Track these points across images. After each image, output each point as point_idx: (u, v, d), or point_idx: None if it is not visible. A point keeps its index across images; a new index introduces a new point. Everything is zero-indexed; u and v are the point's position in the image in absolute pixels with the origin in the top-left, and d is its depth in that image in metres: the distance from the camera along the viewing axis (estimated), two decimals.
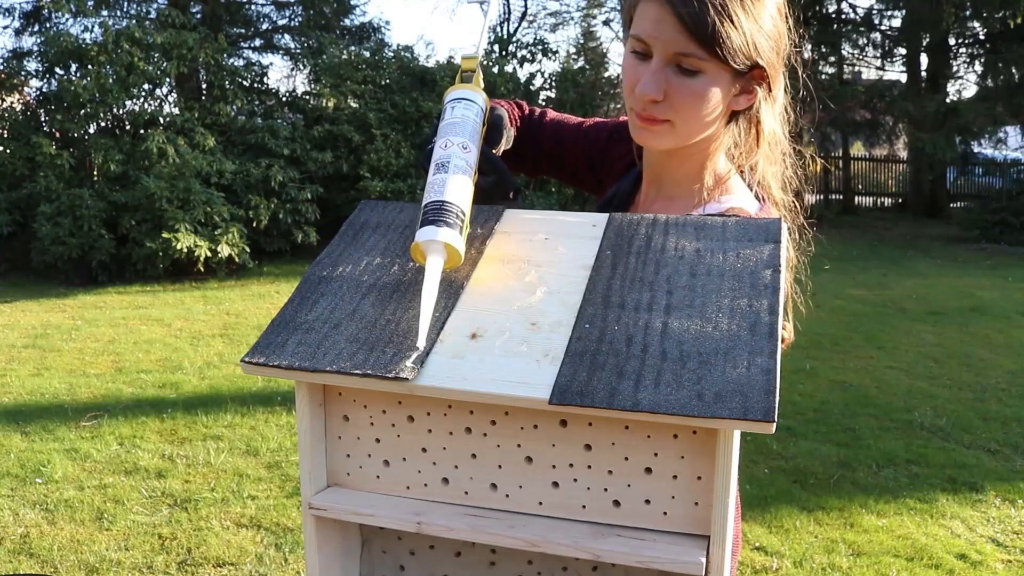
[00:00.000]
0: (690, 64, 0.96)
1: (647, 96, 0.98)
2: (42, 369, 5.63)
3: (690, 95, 0.97)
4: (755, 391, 0.67)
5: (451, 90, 0.97)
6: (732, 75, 0.99)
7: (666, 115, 0.99)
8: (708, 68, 0.96)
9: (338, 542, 0.88)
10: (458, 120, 0.94)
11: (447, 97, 0.97)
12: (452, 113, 0.94)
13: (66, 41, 9.65)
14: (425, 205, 0.86)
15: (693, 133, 1.02)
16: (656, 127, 1.01)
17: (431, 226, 0.83)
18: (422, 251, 0.82)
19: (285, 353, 0.78)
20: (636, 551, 0.73)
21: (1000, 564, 3.01)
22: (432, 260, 0.81)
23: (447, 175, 0.88)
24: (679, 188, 1.09)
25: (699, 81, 0.97)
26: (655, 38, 0.96)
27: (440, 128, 0.94)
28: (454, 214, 0.85)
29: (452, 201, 0.85)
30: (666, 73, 0.97)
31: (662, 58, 0.97)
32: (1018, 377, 5.35)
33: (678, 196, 1.09)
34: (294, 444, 4.12)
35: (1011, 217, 12.33)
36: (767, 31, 0.99)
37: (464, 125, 0.93)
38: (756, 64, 0.99)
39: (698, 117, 0.99)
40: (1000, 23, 13.46)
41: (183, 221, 8.90)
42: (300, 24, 14.48)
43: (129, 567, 2.98)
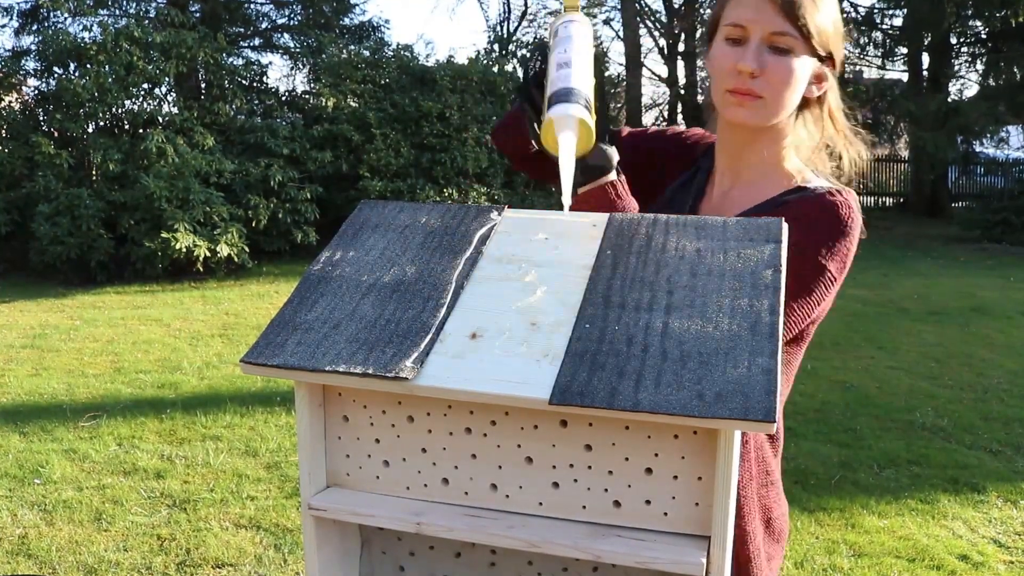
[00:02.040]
0: (784, 43, 1.09)
1: (748, 68, 1.09)
2: (40, 369, 5.63)
3: (784, 70, 1.10)
4: (756, 391, 0.67)
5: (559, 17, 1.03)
6: (813, 60, 1.12)
7: (762, 90, 1.11)
8: (797, 48, 1.10)
9: (338, 543, 0.88)
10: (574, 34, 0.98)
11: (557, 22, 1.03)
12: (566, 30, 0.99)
13: (65, 40, 9.64)
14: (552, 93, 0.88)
15: (779, 111, 1.13)
16: (750, 102, 1.12)
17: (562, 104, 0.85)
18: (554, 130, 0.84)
19: (284, 353, 0.78)
20: (636, 552, 0.72)
21: (1002, 565, 3.01)
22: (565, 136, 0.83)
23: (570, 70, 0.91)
24: (756, 173, 1.18)
25: (790, 59, 1.10)
26: (754, 21, 1.10)
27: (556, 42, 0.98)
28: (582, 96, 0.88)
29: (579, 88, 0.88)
30: (763, 52, 1.10)
31: (760, 38, 1.10)
32: (1019, 377, 5.34)
33: (755, 181, 1.18)
34: (293, 444, 4.12)
35: (1012, 217, 12.32)
36: (835, 21, 1.13)
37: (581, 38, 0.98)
38: (830, 53, 1.13)
39: (787, 94, 1.12)
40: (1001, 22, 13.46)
41: (182, 221, 8.89)
42: (299, 23, 14.48)
43: (128, 568, 2.98)
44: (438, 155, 10.87)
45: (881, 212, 16.61)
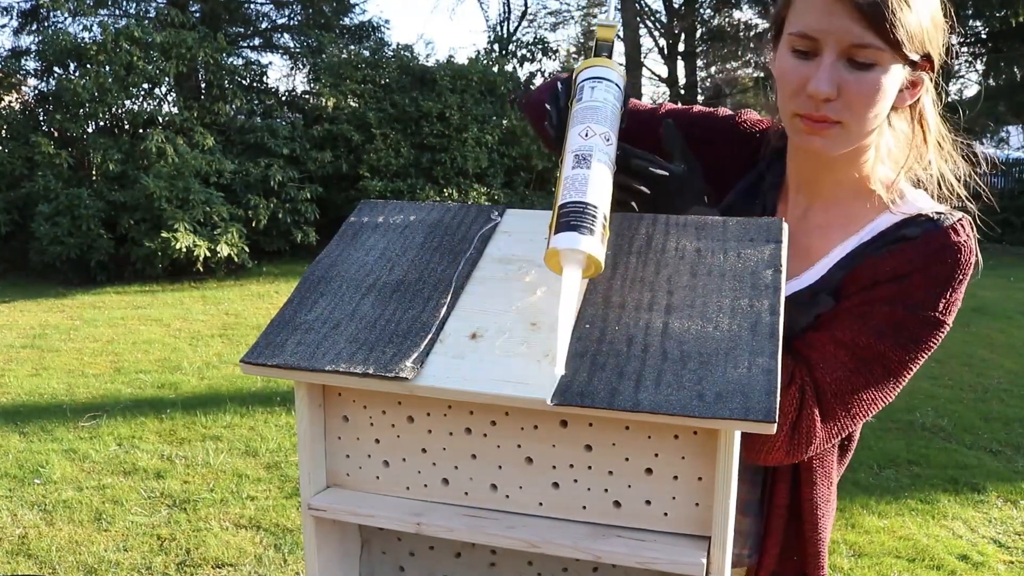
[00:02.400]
0: (866, 56, 0.89)
1: (821, 94, 0.90)
2: (40, 369, 5.62)
3: (867, 90, 0.90)
4: (756, 391, 0.67)
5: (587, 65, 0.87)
6: (904, 66, 0.92)
7: (839, 115, 0.92)
8: (883, 59, 0.89)
9: (338, 543, 0.88)
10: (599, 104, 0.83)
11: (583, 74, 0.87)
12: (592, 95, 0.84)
13: (65, 40, 9.64)
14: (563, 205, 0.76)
15: (863, 134, 0.95)
16: (828, 130, 0.93)
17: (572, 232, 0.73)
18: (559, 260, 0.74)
19: (284, 353, 0.77)
20: (636, 552, 0.72)
21: (1002, 565, 3.00)
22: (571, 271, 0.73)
23: (588, 171, 0.77)
24: (840, 194, 1.02)
25: (875, 74, 0.90)
26: (826, 31, 0.89)
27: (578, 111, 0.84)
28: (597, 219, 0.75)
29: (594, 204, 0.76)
30: (839, 70, 0.90)
31: (835, 52, 0.90)
32: (1020, 377, 5.34)
33: (840, 199, 1.02)
34: (293, 444, 4.12)
35: (1013, 217, 12.33)
36: (933, 15, 0.92)
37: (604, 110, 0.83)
38: (927, 54, 0.93)
39: (872, 115, 0.93)
40: (1001, 22, 13.45)
41: (182, 221, 8.89)
42: (299, 23, 14.48)
43: (128, 568, 2.98)
44: (438, 155, 10.87)
45: None
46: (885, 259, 0.95)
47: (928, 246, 0.94)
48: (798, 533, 1.07)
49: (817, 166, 1.02)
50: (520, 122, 11.41)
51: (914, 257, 0.94)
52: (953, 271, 0.93)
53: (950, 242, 0.93)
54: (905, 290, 0.93)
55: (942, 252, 0.93)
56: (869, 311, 0.95)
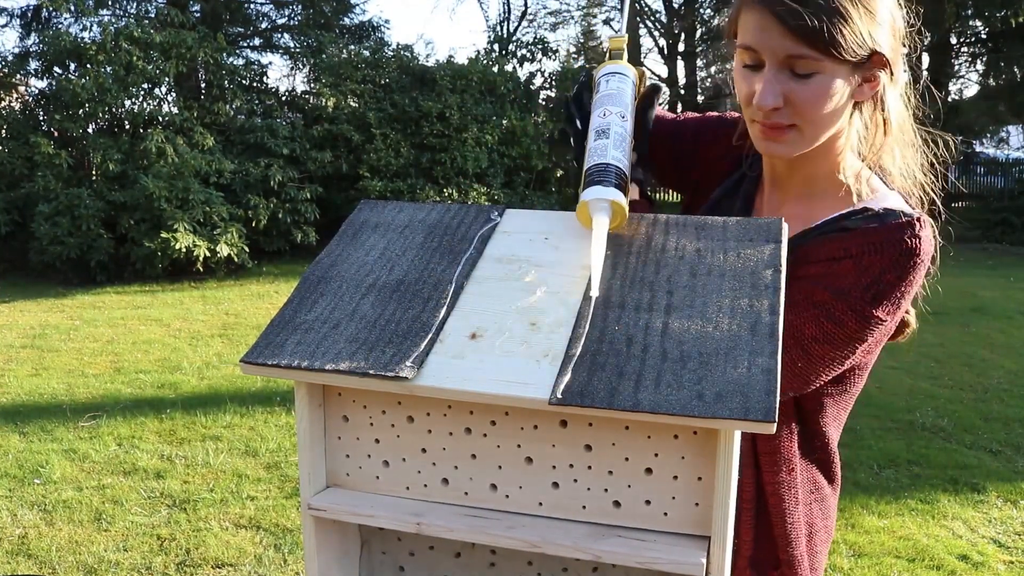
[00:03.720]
0: (804, 67, 0.93)
1: (766, 107, 0.95)
2: (40, 369, 5.63)
3: (812, 97, 0.94)
4: (756, 391, 0.67)
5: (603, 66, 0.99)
6: (851, 67, 0.94)
7: (791, 120, 0.96)
8: (824, 67, 0.93)
9: (337, 543, 0.88)
10: (614, 92, 0.95)
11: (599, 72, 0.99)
12: (607, 86, 0.95)
13: (65, 40, 9.65)
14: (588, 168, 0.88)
15: (821, 133, 0.98)
16: (783, 136, 0.97)
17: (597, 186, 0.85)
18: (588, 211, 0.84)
19: (284, 353, 0.78)
20: (636, 552, 0.72)
21: (1002, 565, 3.00)
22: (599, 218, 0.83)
23: (608, 140, 0.90)
24: (812, 187, 1.05)
25: (817, 81, 0.93)
26: (764, 46, 0.93)
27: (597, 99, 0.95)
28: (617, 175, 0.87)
29: (615, 163, 0.88)
30: (781, 81, 0.94)
31: (775, 64, 0.94)
32: (1020, 377, 5.34)
33: (811, 195, 1.05)
34: (293, 444, 4.12)
35: (1013, 217, 12.33)
36: (880, 17, 0.94)
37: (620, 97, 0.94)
38: (874, 52, 0.94)
39: (823, 117, 0.96)
40: (1002, 22, 13.46)
41: (182, 221, 8.89)
42: (299, 23, 14.48)
43: (128, 568, 2.98)
44: (438, 155, 10.88)
45: None
46: (825, 243, 0.97)
47: (867, 237, 0.95)
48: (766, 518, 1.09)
49: (787, 163, 1.05)
50: (520, 122, 11.42)
51: (851, 245, 0.95)
52: (891, 267, 0.94)
53: (893, 238, 0.94)
54: (832, 273, 0.95)
55: (881, 246, 0.94)
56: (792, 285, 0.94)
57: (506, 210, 0.93)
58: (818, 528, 1.15)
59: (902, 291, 0.96)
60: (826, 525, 1.17)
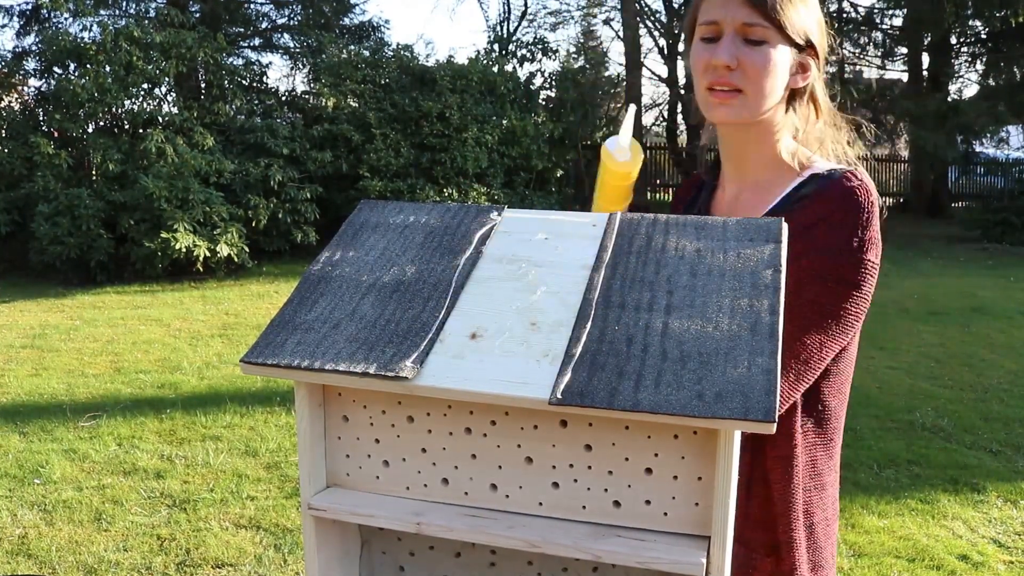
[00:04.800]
0: (756, 34, 1.09)
1: (723, 62, 1.09)
2: (40, 369, 5.62)
3: (759, 60, 1.10)
4: (756, 391, 0.67)
5: None
6: (791, 49, 1.12)
7: (739, 83, 1.11)
8: (771, 38, 1.10)
9: (338, 543, 0.88)
10: None
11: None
12: None
13: (65, 40, 9.64)
14: None
15: (762, 102, 1.12)
16: (731, 99, 1.12)
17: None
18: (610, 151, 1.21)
19: (284, 353, 0.77)
20: (636, 552, 0.72)
21: (1002, 565, 3.00)
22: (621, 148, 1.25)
23: None
24: (759, 171, 1.19)
25: (765, 49, 1.10)
26: (724, 16, 1.10)
27: None
28: None
29: None
30: (737, 45, 1.10)
31: (732, 31, 1.10)
32: (1020, 377, 5.34)
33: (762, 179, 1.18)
34: (293, 444, 4.12)
35: (1013, 217, 12.32)
36: (815, 15, 1.14)
37: None
38: (810, 41, 1.13)
39: (766, 84, 1.11)
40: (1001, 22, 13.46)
41: (182, 221, 8.89)
42: (299, 23, 14.49)
43: (128, 568, 2.98)
44: (438, 155, 10.87)
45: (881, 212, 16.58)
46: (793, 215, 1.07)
47: (824, 196, 1.09)
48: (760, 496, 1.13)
49: (736, 148, 1.20)
50: (520, 122, 11.41)
51: (816, 209, 1.09)
52: (855, 213, 1.07)
53: (844, 188, 1.08)
54: (812, 240, 1.07)
55: (840, 199, 1.08)
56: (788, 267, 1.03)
57: (506, 210, 0.93)
58: (818, 520, 1.17)
59: (874, 231, 1.08)
60: (826, 518, 1.19)
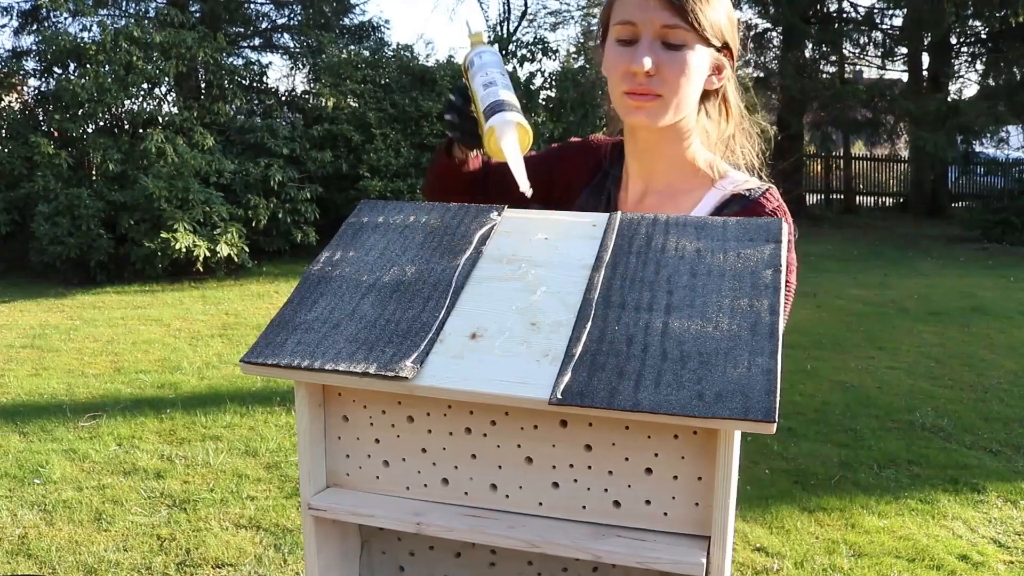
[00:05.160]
0: (675, 37, 1.07)
1: (643, 68, 1.06)
2: (40, 369, 5.62)
3: (678, 65, 1.07)
4: (756, 391, 0.67)
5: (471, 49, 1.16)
6: (708, 51, 1.10)
7: (659, 89, 1.08)
8: (690, 41, 1.07)
9: (338, 543, 0.88)
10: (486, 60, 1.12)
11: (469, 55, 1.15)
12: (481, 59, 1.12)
13: (64, 40, 9.64)
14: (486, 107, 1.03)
15: (681, 107, 1.11)
16: (649, 103, 1.09)
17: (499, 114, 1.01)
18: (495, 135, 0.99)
19: (284, 353, 0.78)
20: (636, 552, 0.72)
21: (1002, 565, 3.00)
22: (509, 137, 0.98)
23: (496, 87, 1.06)
24: (668, 174, 1.17)
25: (684, 53, 1.08)
26: (642, 18, 1.07)
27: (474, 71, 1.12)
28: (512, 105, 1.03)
29: (507, 100, 1.03)
30: (655, 49, 1.07)
31: (650, 35, 1.07)
32: (1020, 377, 5.34)
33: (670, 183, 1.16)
34: (293, 444, 4.12)
35: (1013, 217, 12.32)
36: (729, 13, 1.13)
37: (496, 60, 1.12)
38: (725, 43, 1.12)
39: (685, 89, 1.09)
40: (1001, 22, 13.45)
41: (182, 221, 8.89)
42: (299, 23, 14.47)
43: (128, 568, 2.98)
44: None
45: (881, 212, 16.60)
46: None
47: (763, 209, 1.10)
48: None
49: (646, 150, 1.17)
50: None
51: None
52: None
53: (764, 212, 1.09)
54: None
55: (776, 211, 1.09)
56: None
57: (506, 210, 0.93)
58: None
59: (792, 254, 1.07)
60: None
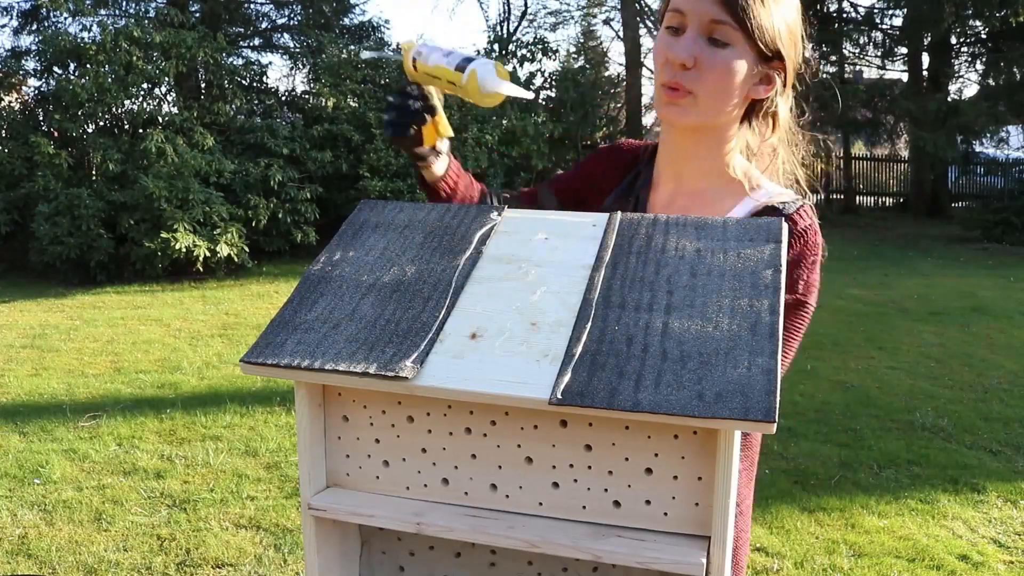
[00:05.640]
0: (722, 34, 1.03)
1: (679, 59, 1.03)
2: (40, 369, 5.62)
3: (719, 64, 1.03)
4: (756, 391, 0.67)
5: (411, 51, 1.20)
6: (756, 57, 1.05)
7: (692, 85, 1.04)
8: (737, 42, 1.03)
9: (337, 543, 0.88)
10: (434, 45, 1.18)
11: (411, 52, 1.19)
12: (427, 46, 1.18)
13: (64, 40, 9.64)
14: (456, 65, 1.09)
15: (714, 109, 1.06)
16: (681, 99, 1.05)
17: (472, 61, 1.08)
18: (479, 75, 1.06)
19: (284, 353, 0.78)
20: (636, 552, 0.72)
21: (1002, 565, 3.00)
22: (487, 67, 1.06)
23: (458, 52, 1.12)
24: (700, 179, 1.13)
25: (728, 52, 1.03)
26: (692, 7, 1.03)
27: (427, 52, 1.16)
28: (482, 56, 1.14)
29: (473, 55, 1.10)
30: (699, 43, 1.03)
31: (696, 28, 1.03)
32: (1020, 377, 5.34)
33: (701, 189, 1.13)
34: (293, 444, 4.12)
35: (1013, 217, 12.32)
36: (789, 24, 1.06)
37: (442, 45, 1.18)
38: (778, 52, 1.06)
39: (721, 90, 1.05)
40: (1001, 22, 13.45)
41: (182, 221, 8.89)
42: (299, 23, 14.47)
43: (128, 568, 2.98)
44: None
45: (881, 212, 16.60)
46: None
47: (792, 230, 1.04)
48: None
49: (680, 150, 1.13)
50: (520, 122, 11.42)
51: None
52: (803, 253, 1.04)
53: (797, 230, 1.04)
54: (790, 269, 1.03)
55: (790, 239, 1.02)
56: None
57: (506, 210, 0.93)
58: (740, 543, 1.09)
59: (816, 275, 1.06)
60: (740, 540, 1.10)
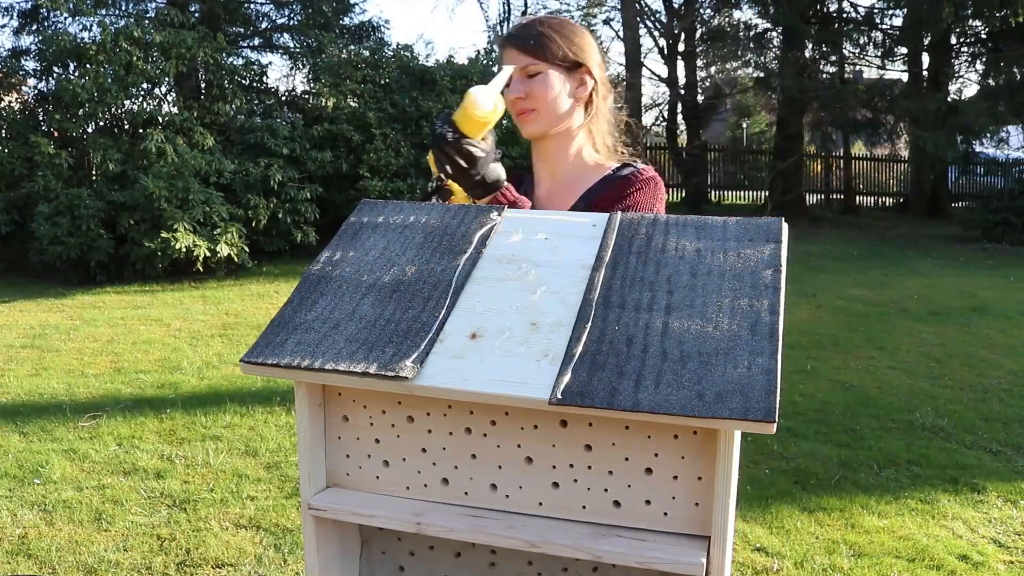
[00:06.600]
0: (532, 70, 1.47)
1: (514, 96, 1.47)
2: (40, 369, 5.62)
3: (539, 88, 1.47)
4: (756, 391, 0.67)
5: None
6: (564, 72, 1.48)
7: (531, 105, 1.48)
8: (544, 69, 1.47)
9: (337, 543, 0.88)
10: None
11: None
12: None
13: (64, 40, 9.64)
14: None
15: (553, 114, 1.49)
16: (528, 117, 1.50)
17: None
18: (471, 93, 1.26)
19: (284, 353, 0.77)
20: (636, 552, 0.72)
21: (1002, 565, 3.00)
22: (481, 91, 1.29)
23: None
24: (568, 170, 1.54)
25: (541, 78, 1.47)
26: (512, 62, 1.47)
27: None
28: None
29: None
30: (524, 82, 1.48)
31: (518, 74, 1.48)
32: (1020, 377, 5.34)
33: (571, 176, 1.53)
34: (293, 444, 4.12)
35: (1013, 217, 12.32)
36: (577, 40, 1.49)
37: None
38: (577, 62, 1.48)
39: (550, 102, 1.48)
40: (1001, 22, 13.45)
41: (182, 221, 8.89)
42: (299, 23, 14.47)
43: (128, 568, 2.98)
44: None
45: (881, 212, 16.60)
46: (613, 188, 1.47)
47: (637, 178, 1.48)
48: None
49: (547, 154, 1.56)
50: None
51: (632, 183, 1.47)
52: (656, 191, 1.48)
53: (649, 175, 1.49)
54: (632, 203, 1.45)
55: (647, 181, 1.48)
56: None
57: (506, 210, 0.93)
58: None
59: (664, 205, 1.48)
60: None
